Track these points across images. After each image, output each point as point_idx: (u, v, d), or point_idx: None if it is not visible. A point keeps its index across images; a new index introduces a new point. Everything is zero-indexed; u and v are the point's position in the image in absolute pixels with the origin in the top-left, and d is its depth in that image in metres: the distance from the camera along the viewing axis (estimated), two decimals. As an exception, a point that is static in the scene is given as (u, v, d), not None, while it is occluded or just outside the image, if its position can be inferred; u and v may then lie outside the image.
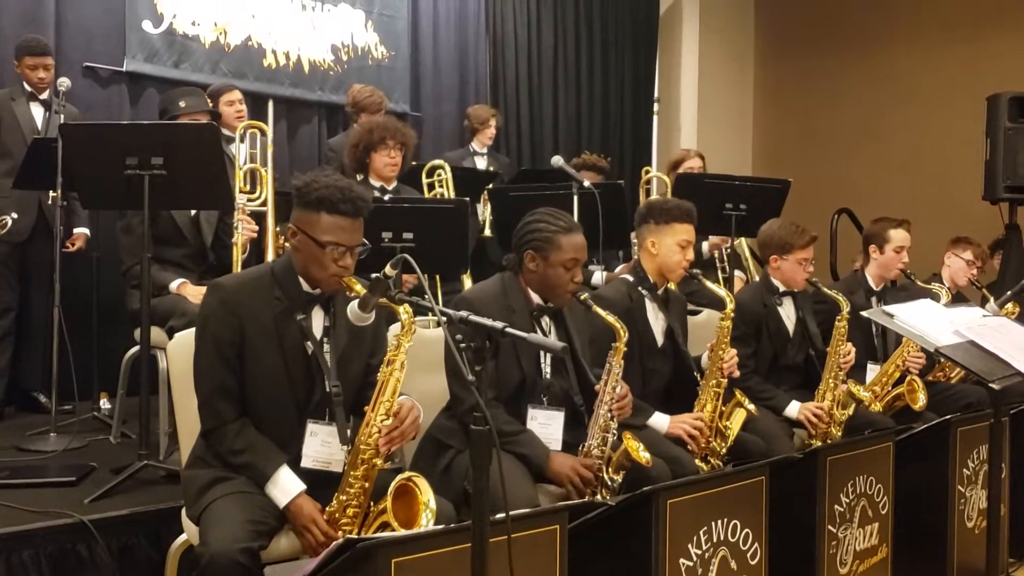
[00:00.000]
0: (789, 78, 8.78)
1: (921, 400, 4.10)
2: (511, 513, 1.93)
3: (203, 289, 3.72)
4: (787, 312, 4.03)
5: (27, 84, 4.62)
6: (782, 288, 4.01)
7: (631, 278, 3.56)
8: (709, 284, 3.59)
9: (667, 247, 3.48)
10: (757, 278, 5.38)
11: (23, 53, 4.60)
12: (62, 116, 4.27)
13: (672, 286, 3.65)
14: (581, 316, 3.18)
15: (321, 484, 2.49)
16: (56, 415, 4.11)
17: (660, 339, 3.53)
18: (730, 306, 3.53)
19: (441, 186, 5.20)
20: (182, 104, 4.34)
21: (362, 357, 2.65)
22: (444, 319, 1.91)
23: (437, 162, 5.38)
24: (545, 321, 3.09)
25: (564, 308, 3.11)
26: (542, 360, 3.04)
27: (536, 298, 3.06)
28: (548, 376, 3.04)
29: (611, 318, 3.03)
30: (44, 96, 4.61)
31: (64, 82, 4.38)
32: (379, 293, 2.33)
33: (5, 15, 5.00)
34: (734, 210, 4.63)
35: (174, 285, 3.92)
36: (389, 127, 4.39)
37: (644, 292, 3.52)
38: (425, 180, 5.25)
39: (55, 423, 4.07)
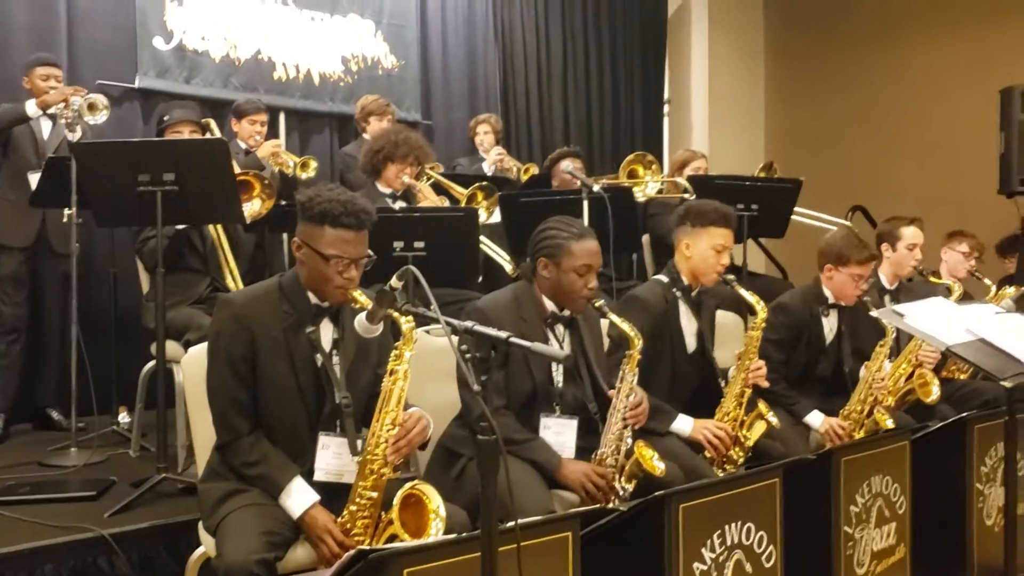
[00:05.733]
0: (800, 74, 8.75)
1: (934, 393, 4.05)
2: (521, 521, 1.94)
3: None
4: (830, 324, 3.97)
5: (36, 98, 4.63)
6: (831, 299, 3.95)
7: (666, 279, 3.53)
8: (742, 291, 3.53)
9: (702, 251, 3.45)
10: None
11: (34, 65, 4.64)
12: (78, 134, 4.31)
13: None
14: (596, 324, 3.16)
15: (334, 495, 2.51)
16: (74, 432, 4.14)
17: (692, 343, 3.51)
18: (762, 315, 3.48)
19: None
20: (166, 118, 4.48)
21: (370, 368, 2.67)
22: (448, 330, 1.93)
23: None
24: (560, 330, 3.07)
25: (579, 317, 3.09)
26: (554, 369, 3.03)
27: (551, 306, 3.05)
28: (560, 385, 3.03)
29: (625, 326, 3.01)
30: (52, 110, 4.63)
31: (77, 101, 4.42)
32: (386, 305, 2.35)
33: (17, 34, 5.05)
34: (745, 211, 4.61)
35: None
36: (414, 145, 4.42)
37: (678, 294, 3.50)
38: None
39: (75, 438, 4.11)
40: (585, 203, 4.35)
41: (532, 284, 3.07)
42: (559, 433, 3.00)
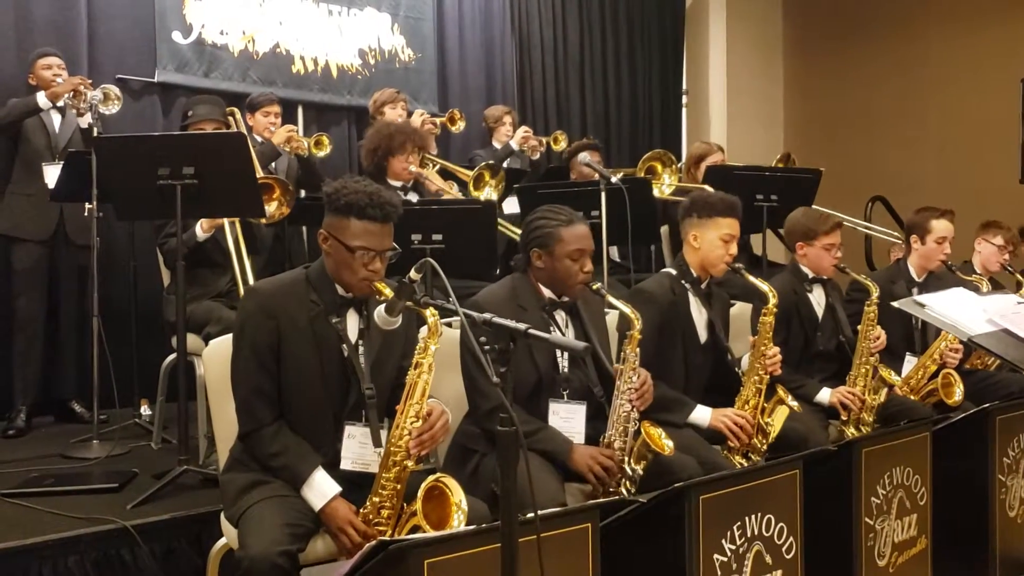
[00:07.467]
0: (819, 66, 8.69)
1: (957, 394, 4.04)
2: (541, 512, 1.94)
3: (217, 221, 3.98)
4: (817, 299, 4.00)
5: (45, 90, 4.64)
6: (811, 275, 3.98)
7: (674, 271, 3.52)
8: (752, 278, 3.51)
9: (709, 241, 3.44)
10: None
11: (35, 59, 4.69)
12: (95, 130, 4.33)
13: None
14: (596, 307, 3.17)
15: (357, 486, 2.52)
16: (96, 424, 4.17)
17: (703, 334, 3.50)
18: (773, 301, 3.46)
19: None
20: (190, 114, 4.51)
21: (395, 359, 2.68)
22: (467, 321, 1.92)
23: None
24: (561, 316, 3.07)
25: (579, 301, 3.09)
26: (558, 355, 3.02)
27: (548, 292, 3.05)
28: (566, 370, 3.03)
29: (624, 307, 3.01)
30: (60, 103, 4.63)
31: (98, 95, 4.45)
32: (405, 297, 2.35)
33: (37, 30, 5.08)
34: (765, 201, 4.61)
35: (199, 231, 4.04)
36: (408, 133, 4.42)
37: (687, 286, 3.49)
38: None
39: (97, 430, 4.14)
40: (603, 194, 4.34)
41: (527, 274, 3.07)
42: (568, 419, 3.00)
